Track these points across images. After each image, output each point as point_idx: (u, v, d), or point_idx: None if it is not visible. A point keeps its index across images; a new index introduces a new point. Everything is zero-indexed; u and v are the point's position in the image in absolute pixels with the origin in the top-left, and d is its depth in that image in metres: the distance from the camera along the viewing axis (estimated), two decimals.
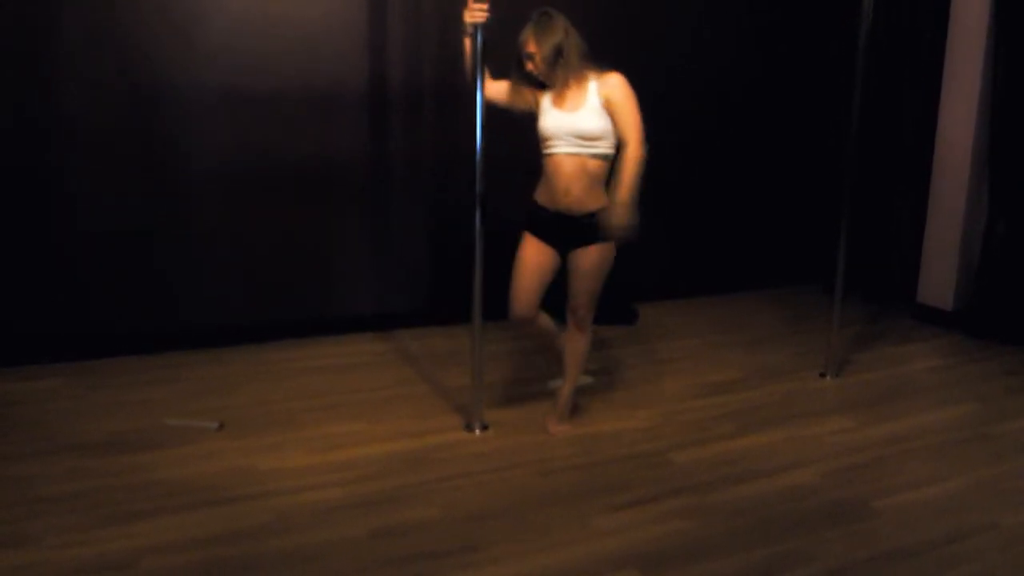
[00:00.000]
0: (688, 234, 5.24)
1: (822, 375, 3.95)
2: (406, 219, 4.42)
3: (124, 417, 3.34)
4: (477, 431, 3.27)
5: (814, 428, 3.38)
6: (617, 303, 4.87)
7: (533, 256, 3.14)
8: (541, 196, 3.13)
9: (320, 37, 4.09)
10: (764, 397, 3.70)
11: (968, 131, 4.58)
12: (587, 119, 2.97)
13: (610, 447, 3.17)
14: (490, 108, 3.12)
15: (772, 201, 5.46)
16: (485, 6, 2.97)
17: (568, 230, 3.08)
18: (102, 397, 3.55)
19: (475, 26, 2.99)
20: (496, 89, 3.16)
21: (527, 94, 3.13)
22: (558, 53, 2.96)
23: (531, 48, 2.98)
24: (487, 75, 3.11)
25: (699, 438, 3.26)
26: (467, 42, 3.08)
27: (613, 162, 3.05)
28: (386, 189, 4.37)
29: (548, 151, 3.05)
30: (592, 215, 3.04)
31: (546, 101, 3.07)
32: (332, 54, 4.12)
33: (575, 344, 3.27)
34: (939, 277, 4.80)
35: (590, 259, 3.09)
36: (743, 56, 5.15)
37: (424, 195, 4.43)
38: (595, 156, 3.02)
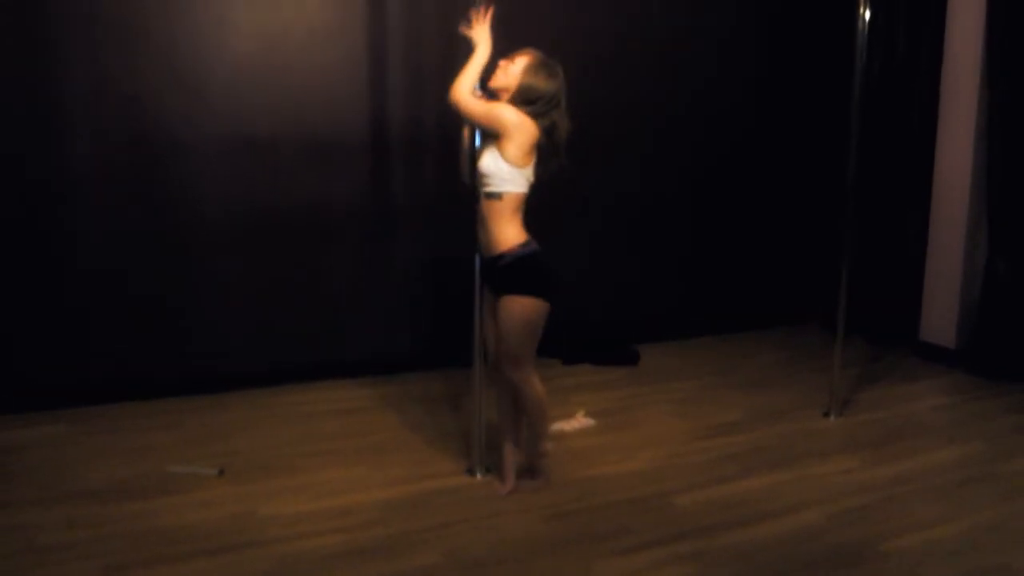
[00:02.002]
0: (689, 274, 5.24)
1: (825, 415, 3.93)
2: (407, 263, 4.44)
3: (125, 464, 3.32)
4: (479, 475, 3.25)
5: (819, 469, 3.35)
6: (618, 344, 4.87)
7: (486, 304, 3.12)
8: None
9: (321, 85, 4.14)
10: (767, 438, 3.67)
11: (965, 170, 4.61)
12: (484, 156, 2.95)
13: (613, 490, 3.14)
14: None
15: (773, 241, 5.47)
16: (487, 16, 2.92)
17: (490, 274, 3.04)
18: (104, 443, 3.54)
19: (473, 132, 2.98)
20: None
21: None
22: (530, 98, 2.88)
23: (518, 69, 2.90)
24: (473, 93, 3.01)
25: (702, 480, 3.24)
26: (465, 132, 3.06)
27: (525, 200, 2.96)
28: (387, 233, 4.39)
29: None
30: (501, 257, 2.95)
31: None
32: (333, 101, 4.17)
33: (516, 394, 3.09)
34: (941, 315, 4.80)
35: (506, 311, 2.94)
36: (742, 97, 5.20)
37: (424, 239, 4.44)
38: (490, 196, 2.93)
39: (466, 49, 2.96)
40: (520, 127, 2.85)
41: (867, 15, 3.68)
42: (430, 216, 4.42)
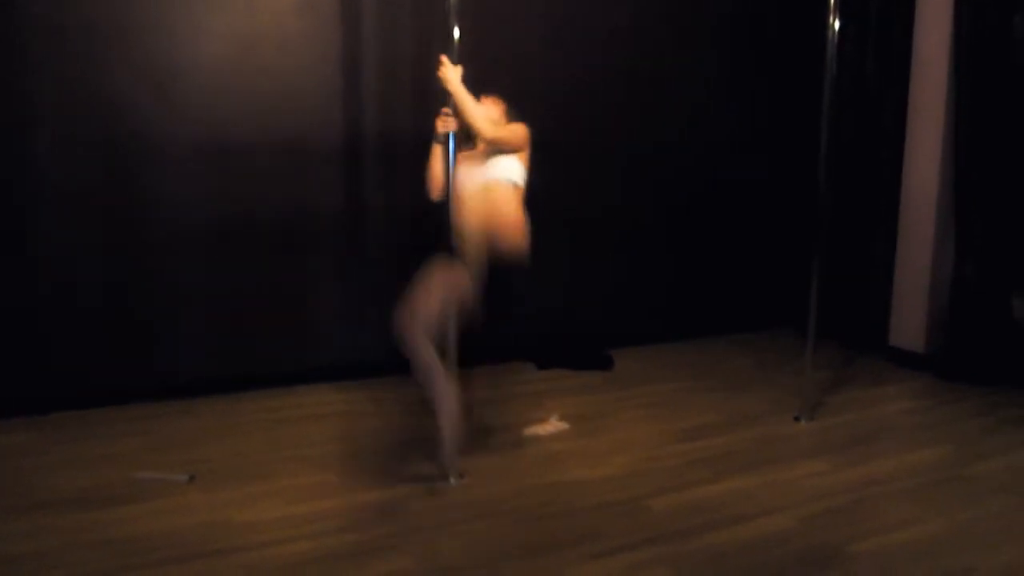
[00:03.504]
0: (662, 280, 5.27)
1: (796, 419, 3.96)
2: (380, 269, 4.41)
3: (92, 472, 3.28)
4: (452, 480, 3.24)
5: (790, 472, 3.37)
6: (592, 349, 4.88)
7: (434, 270, 3.43)
8: None
9: (295, 91, 4.12)
10: (740, 442, 3.69)
11: (933, 176, 4.68)
12: (500, 162, 3.44)
13: (587, 495, 3.14)
14: None
15: (745, 247, 5.51)
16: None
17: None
18: (69, 451, 3.48)
19: (446, 134, 3.18)
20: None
21: None
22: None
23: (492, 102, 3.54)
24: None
25: (675, 484, 3.24)
26: (437, 148, 3.38)
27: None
28: (360, 239, 4.37)
29: None
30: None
31: None
32: (307, 107, 4.16)
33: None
34: (910, 320, 4.85)
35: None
36: (716, 109, 5.24)
37: (399, 245, 4.43)
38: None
39: (438, 48, 3.14)
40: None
41: (836, 26, 3.73)
42: (403, 221, 4.41)
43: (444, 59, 3.15)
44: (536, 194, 3.46)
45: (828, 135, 3.81)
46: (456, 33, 3.12)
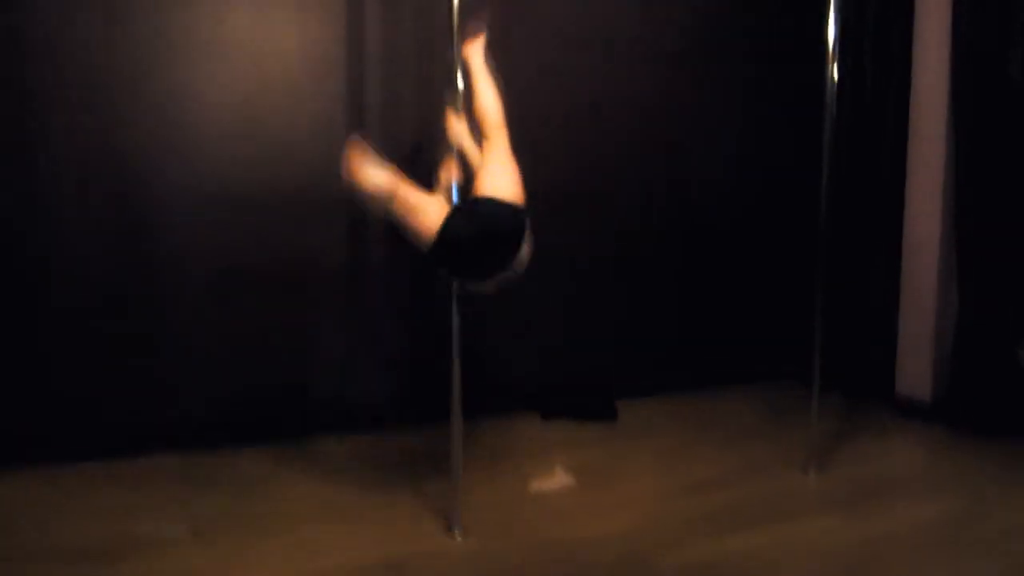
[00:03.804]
0: (667, 331, 5.24)
1: (804, 471, 3.92)
2: (384, 319, 4.41)
3: (93, 525, 3.24)
4: (457, 536, 3.20)
5: (799, 528, 3.33)
6: (597, 399, 4.85)
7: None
8: None
9: (300, 140, 4.16)
10: (747, 496, 3.65)
11: (935, 223, 4.68)
12: None
13: (593, 552, 3.10)
14: None
15: (747, 297, 5.50)
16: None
17: None
18: (71, 503, 3.45)
19: (450, 186, 3.18)
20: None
21: None
22: None
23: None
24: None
25: (682, 540, 3.20)
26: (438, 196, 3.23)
27: None
28: (364, 288, 4.37)
29: None
30: None
31: None
32: (313, 157, 4.18)
33: None
34: (915, 369, 4.83)
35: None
36: (719, 157, 5.26)
37: (402, 294, 4.43)
38: None
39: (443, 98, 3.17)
40: None
41: (836, 73, 3.78)
42: (407, 271, 4.41)
43: (450, 111, 3.16)
44: (543, 244, 3.40)
45: (828, 181, 3.84)
46: (460, 84, 3.16)
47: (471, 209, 3.01)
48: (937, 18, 4.60)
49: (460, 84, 3.16)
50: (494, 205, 3.00)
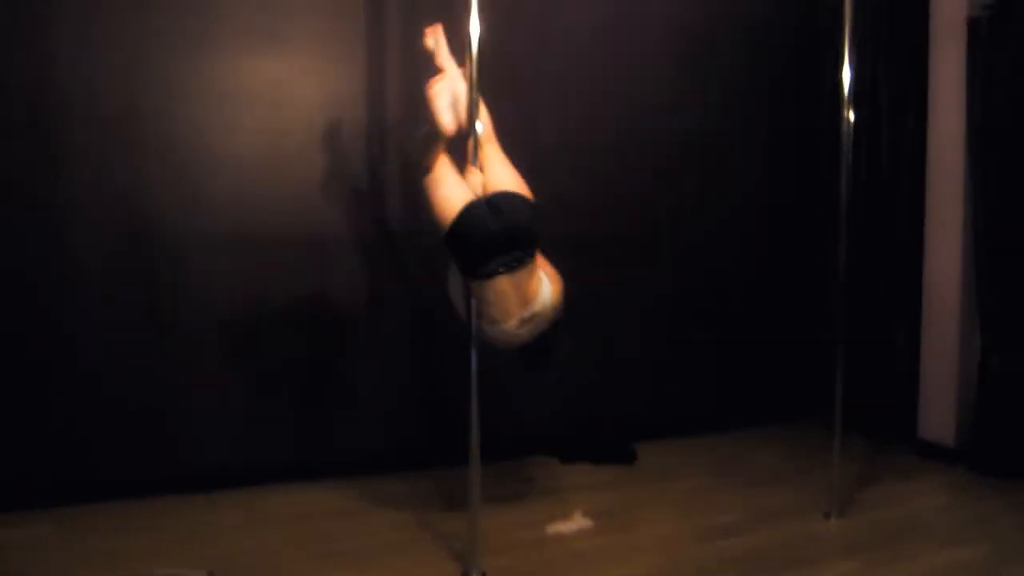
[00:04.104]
0: (687, 373, 5.24)
1: (826, 516, 3.87)
2: (402, 361, 4.44)
3: (112, 567, 3.24)
4: None
5: (821, 573, 3.29)
6: (616, 442, 4.83)
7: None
8: None
9: (320, 183, 4.23)
10: (768, 541, 3.61)
11: (955, 265, 4.67)
12: None
13: None
14: None
15: (768, 339, 5.49)
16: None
17: None
18: (90, 545, 3.46)
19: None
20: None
21: None
22: None
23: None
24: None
25: None
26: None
27: None
28: (382, 331, 4.40)
29: None
30: None
31: None
32: (332, 200, 4.25)
33: None
34: (938, 412, 4.78)
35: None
36: (740, 199, 5.29)
37: (420, 338, 4.46)
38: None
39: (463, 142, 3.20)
40: None
41: (851, 117, 3.81)
42: (426, 315, 4.45)
43: (469, 167, 3.25)
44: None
45: (846, 224, 3.85)
46: (479, 127, 3.21)
47: (489, 200, 3.15)
48: (954, 56, 4.63)
49: (479, 127, 3.21)
50: (509, 196, 3.16)
